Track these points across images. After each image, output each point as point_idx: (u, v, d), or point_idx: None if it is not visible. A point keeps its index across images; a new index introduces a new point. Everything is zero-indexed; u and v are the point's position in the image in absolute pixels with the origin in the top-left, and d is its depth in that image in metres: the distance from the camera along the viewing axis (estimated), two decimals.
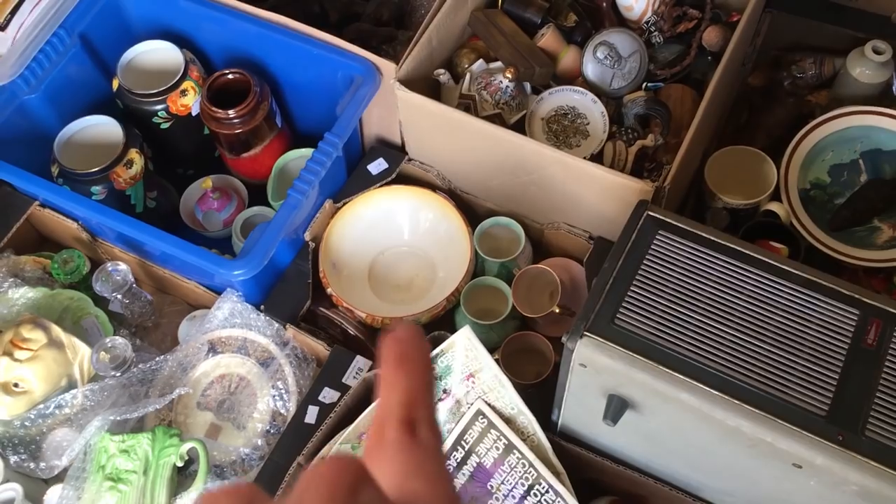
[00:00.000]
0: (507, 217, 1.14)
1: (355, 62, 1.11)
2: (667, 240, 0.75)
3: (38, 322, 1.02)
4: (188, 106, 1.18)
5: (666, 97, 1.15)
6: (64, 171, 1.10)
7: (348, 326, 1.09)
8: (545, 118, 1.14)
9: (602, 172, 1.00)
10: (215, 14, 1.18)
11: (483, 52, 1.19)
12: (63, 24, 1.13)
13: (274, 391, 1.04)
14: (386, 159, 1.18)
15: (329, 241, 1.14)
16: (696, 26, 1.19)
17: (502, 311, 1.12)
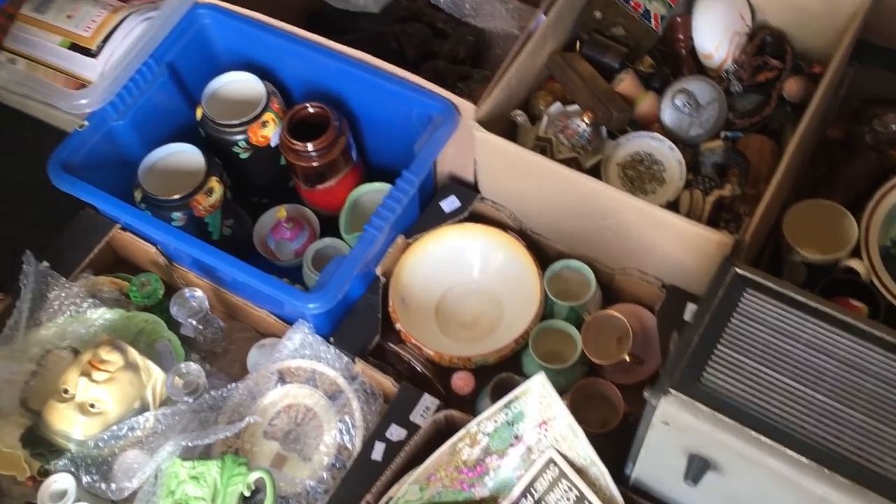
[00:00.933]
0: (578, 260, 1.14)
1: (434, 101, 1.12)
2: (754, 299, 0.74)
3: (116, 344, 1.04)
4: (268, 137, 1.20)
5: (744, 147, 1.14)
6: (147, 197, 1.13)
7: (416, 363, 1.09)
8: (621, 163, 1.14)
9: (680, 222, 1.00)
10: (297, 48, 1.20)
11: (560, 94, 1.20)
12: (153, 54, 1.17)
13: (341, 424, 1.04)
14: (458, 197, 1.19)
15: (400, 276, 1.15)
16: (776, 77, 1.18)
17: (569, 355, 1.11)
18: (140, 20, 1.20)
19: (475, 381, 1.09)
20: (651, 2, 1.18)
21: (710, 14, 1.18)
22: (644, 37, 1.19)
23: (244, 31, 1.22)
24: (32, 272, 1.09)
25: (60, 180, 1.08)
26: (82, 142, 1.12)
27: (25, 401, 1.07)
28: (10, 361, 1.06)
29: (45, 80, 1.17)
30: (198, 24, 1.22)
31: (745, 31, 1.20)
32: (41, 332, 1.10)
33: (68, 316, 1.11)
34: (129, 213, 1.09)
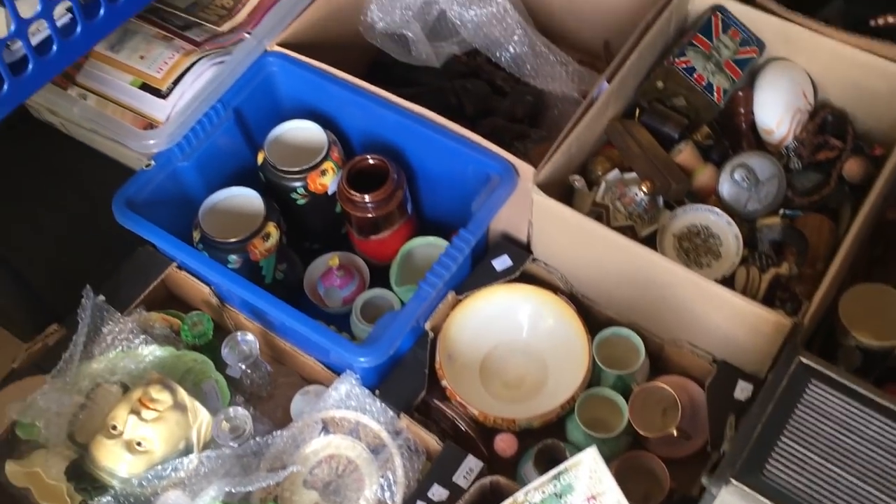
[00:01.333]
0: (628, 328, 1.13)
1: (493, 161, 1.13)
2: (820, 391, 0.74)
3: (166, 383, 1.05)
4: (326, 185, 1.22)
5: (802, 225, 1.13)
6: (205, 238, 1.14)
7: (460, 422, 1.09)
8: (677, 235, 1.14)
9: (737, 299, 0.99)
10: (359, 99, 1.22)
11: (617, 160, 1.20)
12: (221, 99, 1.19)
13: (382, 480, 1.04)
14: (510, 256, 1.19)
15: (448, 332, 1.15)
16: (836, 156, 1.18)
17: (614, 424, 1.10)
18: (210, 64, 1.23)
19: (518, 444, 1.09)
20: (714, 75, 1.19)
21: (774, 90, 1.19)
22: (705, 109, 1.20)
23: (309, 79, 1.24)
24: (90, 306, 1.11)
25: (125, 217, 1.10)
26: (147, 180, 1.14)
27: (73, 434, 1.07)
28: (61, 393, 1.07)
29: (115, 118, 1.20)
30: (266, 71, 1.25)
31: (807, 108, 1.20)
32: (92, 365, 1.11)
33: (120, 351, 1.12)
34: (187, 253, 1.11)
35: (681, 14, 1.26)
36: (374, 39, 1.36)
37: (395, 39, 1.38)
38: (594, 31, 1.45)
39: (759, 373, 1.05)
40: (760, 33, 1.22)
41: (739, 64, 1.21)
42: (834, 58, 1.19)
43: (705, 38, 1.20)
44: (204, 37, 1.27)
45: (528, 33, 1.35)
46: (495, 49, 1.36)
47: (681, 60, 1.19)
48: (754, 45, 1.22)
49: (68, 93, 1.23)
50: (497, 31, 1.35)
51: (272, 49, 1.25)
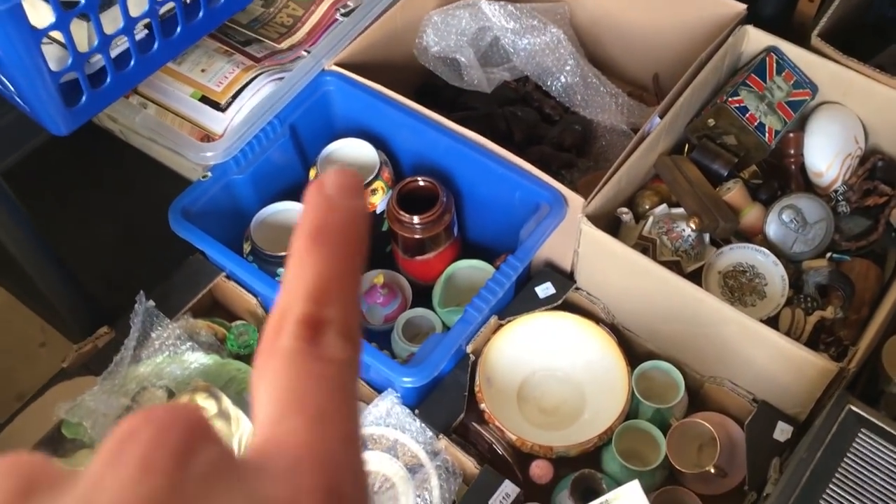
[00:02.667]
0: (668, 363, 1.14)
1: (543, 189, 1.14)
2: (870, 440, 0.74)
3: (211, 391, 1.07)
4: (375, 204, 1.24)
5: (849, 270, 1.13)
6: (255, 250, 1.17)
7: (497, 446, 1.10)
8: (722, 272, 1.14)
9: (783, 342, 0.99)
10: (411, 121, 1.24)
11: (665, 194, 1.21)
12: (278, 115, 1.22)
13: (419, 500, 1.05)
14: (554, 284, 1.20)
15: (488, 356, 1.16)
16: (885, 202, 1.18)
17: (650, 457, 1.10)
18: (268, 80, 1.25)
19: (554, 471, 1.09)
20: (767, 115, 1.20)
21: (825, 134, 1.20)
22: (756, 149, 1.21)
23: (363, 100, 1.27)
24: (142, 311, 1.13)
25: (179, 226, 1.13)
26: (203, 191, 1.17)
27: None
28: (109, 395, 1.09)
29: (174, 128, 1.23)
30: (322, 89, 1.27)
31: (857, 153, 1.21)
32: (140, 368, 1.14)
33: (167, 356, 1.15)
34: (238, 264, 1.13)
35: (735, 53, 1.27)
36: (427, 63, 1.38)
37: (448, 63, 1.40)
38: (644, 63, 1.46)
39: (800, 415, 1.05)
40: (814, 76, 1.23)
41: (792, 106, 1.22)
42: (886, 103, 1.19)
43: (759, 78, 1.21)
44: (263, 53, 1.30)
45: (580, 63, 1.37)
46: (546, 78, 1.38)
47: (734, 99, 1.20)
48: (807, 87, 1.23)
49: (130, 101, 1.26)
50: (549, 61, 1.37)
51: (329, 68, 1.27)
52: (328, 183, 0.25)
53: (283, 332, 0.23)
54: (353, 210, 0.25)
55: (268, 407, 0.22)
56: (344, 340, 0.23)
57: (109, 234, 1.40)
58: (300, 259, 0.24)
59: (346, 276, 0.24)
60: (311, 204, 0.25)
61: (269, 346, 0.23)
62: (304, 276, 0.23)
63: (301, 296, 0.23)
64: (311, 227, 0.24)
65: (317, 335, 0.23)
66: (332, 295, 0.23)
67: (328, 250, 0.24)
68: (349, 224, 0.24)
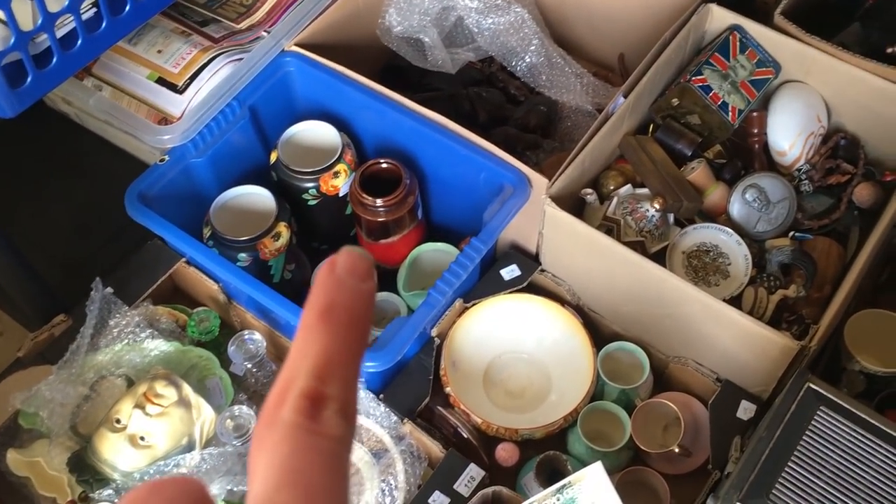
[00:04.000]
0: (634, 343, 1.14)
1: (507, 171, 1.13)
2: (828, 418, 0.74)
3: (171, 379, 1.05)
4: (338, 187, 1.22)
5: (811, 248, 1.14)
6: (216, 235, 1.14)
7: (463, 430, 1.09)
8: (686, 252, 1.14)
9: (745, 321, 1.00)
10: (374, 103, 1.22)
11: (629, 175, 1.21)
12: (237, 97, 1.19)
13: (384, 485, 1.04)
14: (519, 266, 1.19)
15: (453, 339, 1.15)
16: (847, 181, 1.19)
17: (615, 438, 1.10)
18: (227, 61, 1.23)
19: (519, 454, 1.09)
20: (730, 94, 1.19)
21: (788, 113, 1.19)
22: (719, 128, 1.20)
23: (325, 81, 1.24)
24: (98, 298, 1.11)
25: (136, 211, 1.10)
26: (160, 175, 1.14)
27: (75, 425, 1.07)
28: (66, 384, 1.07)
29: (130, 111, 1.20)
30: (282, 70, 1.25)
31: (820, 132, 1.21)
32: (98, 357, 1.11)
33: (126, 344, 1.12)
34: (198, 249, 1.11)
35: (698, 32, 1.26)
36: (390, 43, 1.36)
37: (412, 44, 1.38)
38: (609, 43, 1.45)
39: (763, 393, 1.06)
40: (777, 55, 1.23)
41: (755, 85, 1.21)
42: (849, 82, 1.19)
43: (723, 57, 1.21)
44: (222, 33, 1.27)
45: (545, 44, 1.36)
46: (511, 58, 1.36)
47: (697, 79, 1.19)
48: (770, 66, 1.22)
49: (84, 83, 1.23)
50: (514, 41, 1.35)
51: (289, 49, 1.25)
52: (340, 264, 0.26)
53: (285, 403, 0.24)
54: (362, 293, 0.25)
55: (265, 477, 0.23)
56: (342, 418, 0.24)
57: (65, 220, 1.36)
58: (307, 334, 0.25)
59: (349, 355, 0.25)
60: (322, 282, 0.25)
61: (271, 416, 0.24)
62: (309, 352, 0.25)
63: (305, 370, 0.24)
64: (321, 305, 0.25)
65: (317, 410, 0.24)
66: (335, 373, 0.24)
67: (335, 329, 0.25)
68: (357, 306, 0.25)
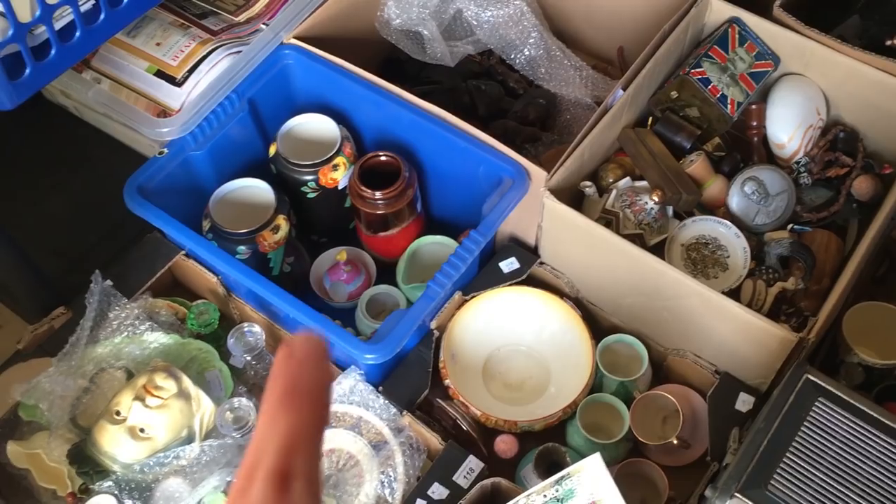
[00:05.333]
0: (632, 336, 1.14)
1: (506, 163, 1.13)
2: (826, 409, 0.74)
3: (171, 371, 1.05)
4: (337, 180, 1.22)
5: (810, 241, 1.14)
6: (215, 228, 1.14)
7: (462, 422, 1.09)
8: (685, 244, 1.14)
9: (744, 313, 1.00)
10: (373, 95, 1.22)
11: (629, 168, 1.21)
12: (236, 89, 1.19)
13: (383, 476, 1.04)
14: (518, 259, 1.19)
15: (452, 332, 1.16)
16: (846, 173, 1.19)
17: (614, 430, 1.11)
18: (226, 54, 1.23)
19: (518, 446, 1.09)
20: (729, 87, 1.19)
21: (787, 105, 1.19)
22: (718, 120, 1.20)
23: (324, 73, 1.24)
24: (98, 291, 1.11)
25: (135, 204, 1.10)
26: (159, 168, 1.14)
27: (75, 417, 1.08)
28: (66, 376, 1.07)
29: (129, 104, 1.20)
30: (281, 63, 1.25)
31: (819, 125, 1.21)
32: (97, 349, 1.11)
33: (125, 336, 1.12)
34: (197, 242, 1.11)
35: (698, 25, 1.26)
36: (389, 36, 1.36)
37: (411, 37, 1.38)
38: (608, 36, 1.45)
39: (762, 386, 1.06)
40: (776, 48, 1.23)
41: (754, 77, 1.21)
42: (848, 75, 1.19)
43: (721, 50, 1.20)
44: (220, 26, 1.27)
45: (544, 37, 1.36)
46: (510, 51, 1.36)
47: (696, 71, 1.19)
48: (770, 59, 1.22)
49: (83, 76, 1.23)
50: (513, 33, 1.35)
51: (288, 41, 1.25)
52: (297, 349, 0.27)
53: (254, 480, 0.26)
54: (319, 375, 0.27)
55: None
56: (309, 489, 0.26)
57: (64, 213, 1.36)
58: (271, 416, 0.27)
59: (311, 433, 0.27)
60: (281, 366, 0.27)
61: (242, 493, 0.26)
62: (274, 432, 0.26)
63: (272, 449, 0.26)
64: (282, 389, 0.27)
65: (287, 485, 0.26)
66: (300, 448, 0.26)
67: (297, 409, 0.27)
68: (316, 386, 0.27)
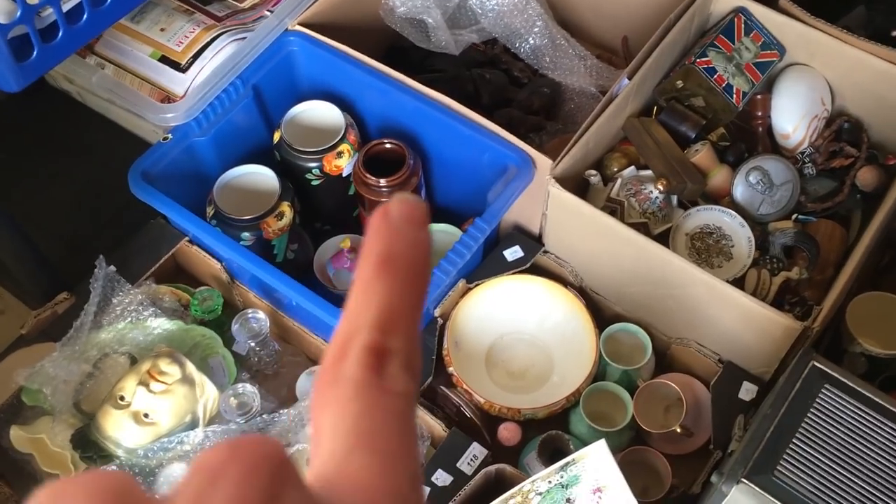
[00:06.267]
0: (636, 325, 1.14)
1: (511, 151, 1.13)
2: (832, 396, 0.74)
3: (175, 357, 1.05)
4: (341, 167, 1.22)
5: (814, 231, 1.14)
6: (219, 214, 1.14)
7: (466, 409, 1.09)
8: (690, 234, 1.14)
9: (749, 302, 1.00)
10: (377, 83, 1.22)
11: (633, 157, 1.21)
12: (241, 75, 1.19)
13: None
14: (522, 248, 1.19)
15: (456, 319, 1.16)
16: (851, 164, 1.19)
17: (617, 418, 1.11)
18: (230, 40, 1.22)
19: (521, 433, 1.10)
20: (734, 77, 1.19)
21: (792, 96, 1.19)
22: (723, 110, 1.20)
23: (329, 60, 1.24)
24: (102, 276, 1.11)
25: (139, 189, 1.10)
26: (164, 154, 1.14)
27: (78, 402, 1.08)
28: (69, 361, 1.07)
29: (133, 89, 1.19)
30: (286, 50, 1.24)
31: (824, 115, 1.21)
32: (101, 335, 1.11)
33: (129, 322, 1.12)
34: (201, 228, 1.10)
35: (703, 14, 1.26)
36: (393, 24, 1.36)
37: (415, 24, 1.38)
38: (613, 25, 1.45)
39: (765, 375, 1.06)
40: (782, 38, 1.23)
41: (760, 67, 1.21)
42: (853, 65, 1.19)
43: (727, 39, 1.20)
44: (225, 12, 1.27)
45: (549, 25, 1.35)
46: (515, 39, 1.36)
47: (702, 60, 1.19)
48: (775, 49, 1.22)
49: (87, 61, 1.22)
50: (518, 22, 1.35)
51: (293, 28, 1.24)
52: (394, 212, 0.24)
53: (346, 358, 0.23)
54: (420, 241, 0.24)
55: (335, 438, 0.22)
56: (408, 373, 0.23)
57: (67, 198, 1.36)
58: (366, 286, 0.23)
59: (411, 308, 0.24)
60: (378, 231, 0.24)
61: (333, 372, 0.23)
62: (370, 304, 0.23)
63: (367, 323, 0.23)
64: (378, 256, 0.24)
65: (383, 365, 0.23)
66: (398, 326, 0.23)
67: (395, 280, 0.23)
68: (415, 255, 0.24)
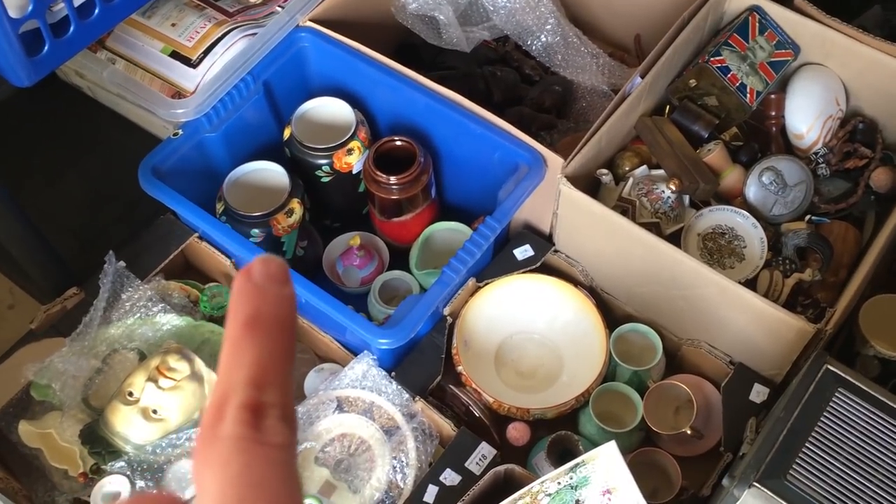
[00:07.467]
0: (646, 325, 1.13)
1: (523, 150, 1.12)
2: (846, 399, 0.74)
3: (184, 353, 1.05)
4: (351, 164, 1.21)
5: (827, 232, 1.13)
6: (229, 210, 1.14)
7: (475, 408, 1.09)
8: (702, 234, 1.14)
9: (761, 303, 0.99)
10: (388, 80, 1.21)
11: (645, 156, 1.20)
12: (252, 71, 1.18)
13: (395, 462, 1.04)
14: (532, 247, 1.19)
15: (466, 318, 1.15)
16: (865, 165, 1.18)
17: (626, 419, 1.10)
18: (241, 36, 1.22)
19: (531, 433, 1.09)
20: (748, 76, 1.18)
21: (806, 96, 1.18)
22: (736, 110, 1.19)
23: (340, 57, 1.24)
24: (111, 272, 1.11)
25: (149, 185, 1.10)
26: (174, 149, 1.14)
27: (87, 398, 1.08)
28: (78, 357, 1.07)
29: (144, 85, 1.19)
30: (297, 46, 1.24)
31: (838, 115, 1.20)
32: (110, 330, 1.11)
33: (138, 318, 1.12)
34: (211, 224, 1.10)
35: (717, 12, 1.25)
36: (404, 20, 1.35)
37: (426, 21, 1.37)
38: (625, 23, 1.44)
39: (777, 377, 1.05)
40: (796, 37, 1.22)
41: (774, 66, 1.20)
42: (868, 65, 1.18)
43: (741, 38, 1.19)
44: (236, 8, 1.26)
45: (561, 23, 1.34)
46: (526, 37, 1.35)
47: (715, 59, 1.18)
48: (790, 48, 1.21)
49: (98, 56, 1.22)
50: (530, 19, 1.34)
51: (304, 24, 1.24)
52: (256, 272, 0.25)
53: (224, 418, 0.23)
54: (283, 297, 0.25)
55: (220, 494, 0.22)
56: (285, 424, 0.24)
57: (78, 194, 1.36)
58: (236, 346, 0.24)
59: (281, 361, 0.24)
60: (242, 292, 0.25)
61: (211, 432, 0.23)
62: (242, 363, 0.24)
63: (241, 382, 0.24)
64: (245, 316, 0.24)
65: (260, 420, 0.23)
66: (271, 380, 0.24)
67: (263, 337, 0.24)
68: (280, 312, 0.25)
